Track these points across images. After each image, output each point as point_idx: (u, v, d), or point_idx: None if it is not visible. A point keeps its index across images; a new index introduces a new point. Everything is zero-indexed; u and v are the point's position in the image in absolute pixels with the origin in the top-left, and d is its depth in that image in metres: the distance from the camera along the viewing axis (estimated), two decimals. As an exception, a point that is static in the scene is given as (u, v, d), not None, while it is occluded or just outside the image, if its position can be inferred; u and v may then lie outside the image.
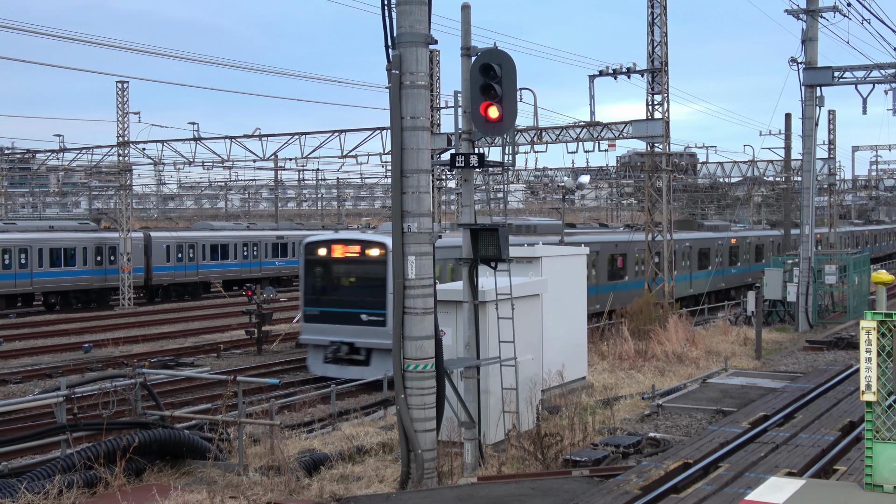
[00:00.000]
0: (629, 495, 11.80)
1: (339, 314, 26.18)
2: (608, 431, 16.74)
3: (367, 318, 25.58)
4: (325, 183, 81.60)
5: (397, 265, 13.20)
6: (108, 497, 12.42)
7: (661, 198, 35.42)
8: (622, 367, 24.47)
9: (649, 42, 33.86)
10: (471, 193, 15.22)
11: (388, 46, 13.12)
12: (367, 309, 25.64)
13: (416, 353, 13.19)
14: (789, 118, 52.68)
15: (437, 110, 40.22)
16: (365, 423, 18.71)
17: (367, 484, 13.71)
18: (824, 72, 34.49)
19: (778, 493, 10.79)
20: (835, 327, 34.16)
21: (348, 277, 27.22)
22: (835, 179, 64.95)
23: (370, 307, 25.55)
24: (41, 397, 14.60)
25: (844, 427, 15.87)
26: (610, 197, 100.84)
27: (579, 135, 36.67)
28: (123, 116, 49.83)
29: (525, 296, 17.11)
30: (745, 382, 21.85)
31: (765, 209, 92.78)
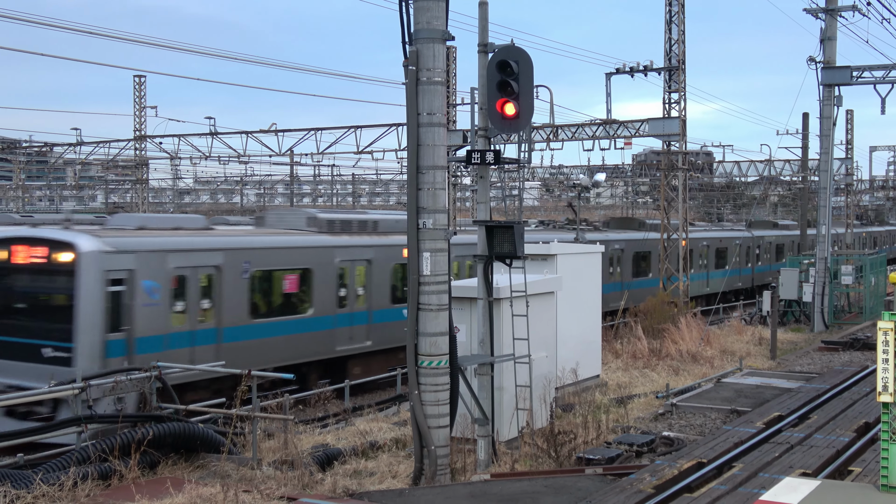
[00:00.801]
0: (642, 494, 11.79)
1: (10, 346, 18.56)
2: (622, 430, 16.71)
3: (51, 352, 17.96)
4: (341, 179, 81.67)
5: (412, 261, 13.21)
6: (122, 489, 12.48)
7: (677, 197, 35.32)
8: (636, 365, 24.42)
9: (666, 40, 33.76)
10: (486, 190, 15.21)
11: (405, 42, 13.12)
12: (49, 340, 18.06)
13: (430, 350, 13.20)
14: (807, 118, 52.41)
15: (454, 107, 40.23)
16: (378, 418, 18.73)
17: (380, 479, 13.73)
18: (843, 71, 34.31)
19: (793, 494, 10.76)
20: (851, 328, 33.98)
21: (26, 293, 19.54)
22: (852, 179, 64.64)
23: (53, 337, 18.04)
24: (57, 389, 14.66)
25: (860, 428, 15.80)
26: (625, 195, 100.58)
27: (595, 132, 36.59)
28: (140, 111, 50.06)
29: (540, 293, 17.09)
30: (759, 382, 21.78)
31: (781, 209, 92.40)
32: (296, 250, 23.32)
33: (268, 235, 23.51)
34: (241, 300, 21.34)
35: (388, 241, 25.63)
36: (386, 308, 25.62)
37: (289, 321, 22.86)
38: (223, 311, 20.71)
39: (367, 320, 24.75)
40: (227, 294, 20.82)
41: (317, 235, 24.04)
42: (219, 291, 20.63)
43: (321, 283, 23.47)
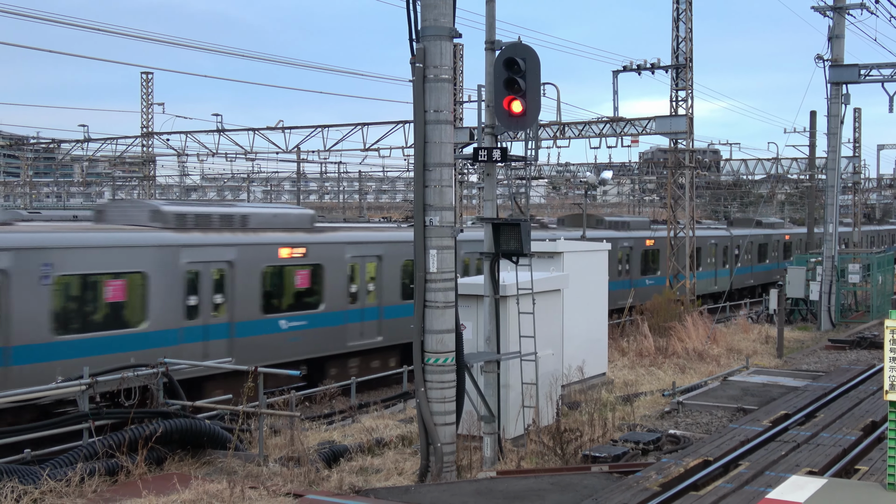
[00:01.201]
0: (648, 492, 11.78)
1: None
2: (628, 428, 16.70)
3: None
4: (347, 176, 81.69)
5: (418, 258, 13.22)
6: (129, 485, 12.51)
7: (684, 194, 35.27)
8: (642, 363, 24.41)
9: (674, 38, 33.73)
10: (493, 188, 15.21)
11: (413, 40, 13.12)
12: None
13: (437, 347, 13.20)
14: (814, 116, 52.39)
15: (460, 104, 40.22)
16: (384, 415, 18.75)
17: (387, 476, 13.74)
18: (851, 69, 34.23)
19: (799, 492, 10.75)
20: (857, 326, 33.92)
21: None
22: (860, 178, 64.49)
23: None
24: (64, 385, 14.70)
25: (866, 427, 15.77)
26: (632, 193, 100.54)
27: (602, 130, 36.56)
28: (148, 107, 50.12)
29: (546, 291, 17.08)
30: (766, 381, 21.75)
31: (788, 207, 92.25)
32: (124, 250, 19.14)
33: (87, 232, 19.51)
34: (35, 312, 17.43)
35: (259, 240, 21.92)
36: (254, 320, 21.62)
37: (111, 337, 18.75)
38: (11, 327, 17.12)
39: (228, 334, 20.93)
40: (16, 304, 17.16)
41: (157, 232, 19.99)
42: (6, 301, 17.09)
43: (160, 291, 19.50)
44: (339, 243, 24.35)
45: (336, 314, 23.95)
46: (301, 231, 23.41)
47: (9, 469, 12.14)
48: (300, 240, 23.13)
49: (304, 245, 23.12)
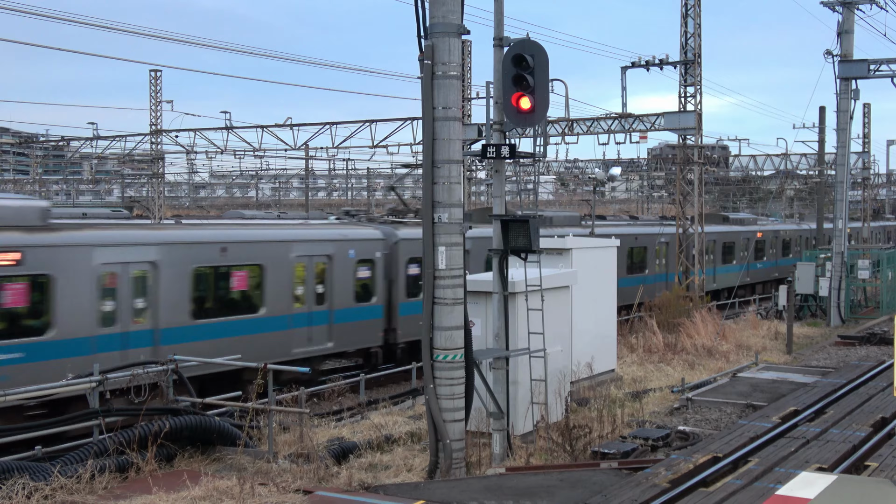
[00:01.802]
0: (658, 488, 11.78)
1: None
2: (637, 424, 16.69)
3: None
4: (356, 173, 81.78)
5: (427, 255, 13.23)
6: (139, 482, 12.55)
7: (693, 190, 35.21)
8: (651, 359, 24.40)
9: (682, 33, 33.65)
10: (502, 184, 15.21)
11: (421, 36, 13.13)
12: None
13: (446, 344, 13.22)
14: (823, 111, 52.20)
15: (469, 101, 40.20)
16: (393, 412, 18.77)
17: (396, 473, 13.76)
18: (860, 64, 34.12)
19: (809, 489, 10.73)
20: (867, 322, 33.83)
21: None
22: (869, 173, 64.30)
23: None
24: (74, 383, 14.74)
25: (876, 423, 15.75)
26: (641, 189, 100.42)
27: (611, 126, 36.50)
28: (156, 105, 50.17)
29: (555, 287, 17.08)
30: (775, 377, 21.72)
31: (797, 203, 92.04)
32: None
33: None
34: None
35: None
36: None
37: None
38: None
39: None
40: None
41: None
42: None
43: None
44: None
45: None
46: None
47: (20, 466, 12.19)
48: None
49: None
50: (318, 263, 23.90)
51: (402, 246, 26.17)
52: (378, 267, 25.63)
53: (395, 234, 26.37)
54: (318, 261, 23.89)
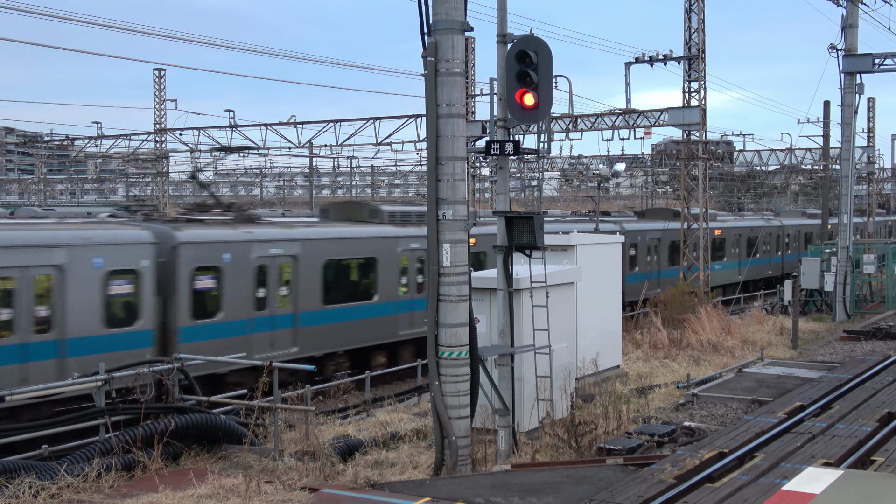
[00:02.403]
0: (664, 484, 11.77)
1: None
2: (642, 420, 16.69)
3: None
4: (360, 170, 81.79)
5: (432, 252, 13.23)
6: (145, 480, 12.57)
7: (698, 186, 35.18)
8: (656, 355, 24.37)
9: (686, 29, 33.61)
10: (506, 181, 15.20)
11: (424, 34, 13.12)
12: None
13: (451, 341, 13.21)
14: (828, 106, 52.07)
15: (473, 98, 40.22)
16: (399, 409, 18.78)
17: (401, 470, 13.77)
18: (864, 59, 34.05)
19: (815, 484, 10.73)
20: (873, 317, 33.79)
21: None
22: (874, 168, 64.18)
23: None
24: (80, 381, 14.76)
25: (882, 418, 15.72)
26: (645, 185, 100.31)
27: (615, 122, 36.48)
28: (160, 104, 50.28)
29: (560, 284, 17.08)
30: (781, 372, 21.69)
31: (802, 198, 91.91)
32: None
33: None
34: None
35: None
36: None
37: None
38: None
39: None
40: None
41: None
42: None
43: None
44: None
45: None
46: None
47: (27, 465, 12.22)
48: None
49: None
50: (38, 277, 17.99)
51: (185, 252, 20.50)
52: (145, 280, 19.69)
53: (174, 237, 20.45)
54: (37, 273, 17.96)
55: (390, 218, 26.83)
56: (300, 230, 24.36)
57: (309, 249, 23.54)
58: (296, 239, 23.45)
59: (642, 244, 38.17)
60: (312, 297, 23.65)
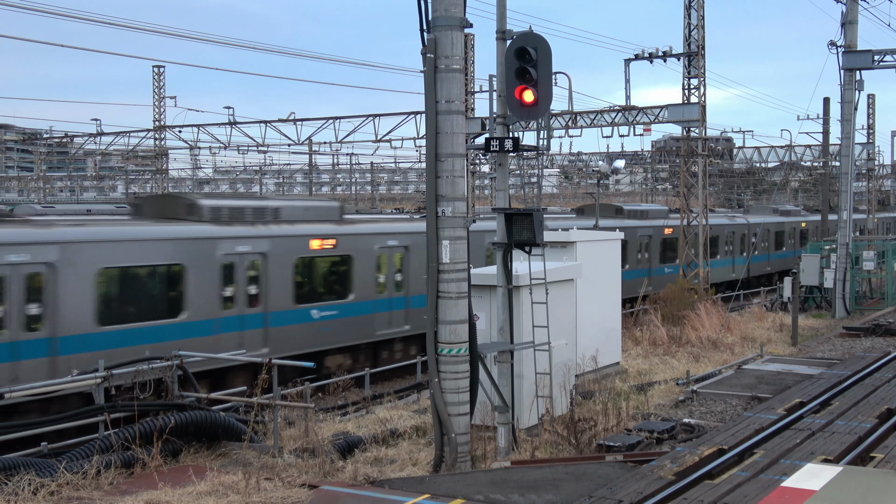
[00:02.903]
0: (663, 481, 11.77)
1: None
2: (642, 417, 16.69)
3: None
4: (359, 167, 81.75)
5: (431, 249, 13.22)
6: (145, 477, 12.57)
7: (697, 183, 35.17)
8: (656, 352, 24.38)
9: (686, 25, 33.59)
10: (505, 178, 15.19)
11: (423, 30, 13.11)
12: None
13: (450, 338, 13.21)
14: (828, 102, 52.02)
15: (472, 94, 40.17)
16: (398, 406, 18.78)
17: (401, 467, 13.77)
18: (864, 55, 34.03)
19: (814, 480, 10.75)
20: (872, 314, 33.80)
21: None
22: (874, 164, 64.16)
23: None
24: (79, 378, 14.77)
25: (882, 414, 15.72)
26: (645, 182, 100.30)
27: (614, 119, 36.46)
28: (160, 101, 50.24)
29: (559, 280, 17.07)
30: (780, 369, 21.70)
31: (802, 194, 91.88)
32: None
33: None
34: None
35: None
36: None
37: None
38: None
39: None
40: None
41: None
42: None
43: None
44: None
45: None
46: None
47: (26, 462, 12.21)
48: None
49: None
50: None
51: None
52: None
53: None
54: None
55: (212, 215, 21.62)
56: (60, 231, 18.75)
57: (73, 255, 18.22)
58: (49, 242, 18.05)
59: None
60: (82, 318, 18.45)
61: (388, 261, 25.82)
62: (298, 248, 23.10)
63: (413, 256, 25.74)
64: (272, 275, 22.24)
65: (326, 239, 23.84)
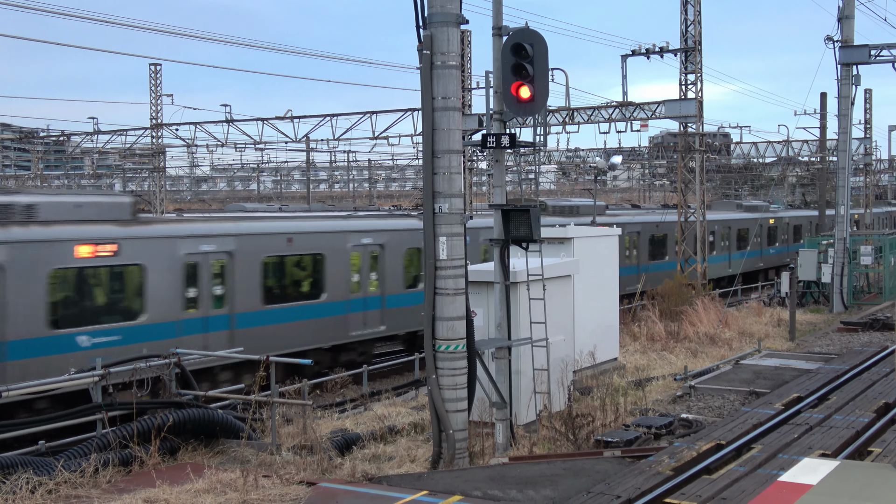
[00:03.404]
0: (661, 476, 11.78)
1: None
2: (640, 412, 16.70)
3: None
4: (357, 164, 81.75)
5: (428, 246, 13.22)
6: (143, 475, 12.57)
7: (694, 178, 35.17)
8: (654, 348, 24.40)
9: (682, 21, 33.58)
10: (502, 174, 15.19)
11: (420, 27, 13.09)
12: None
13: (448, 334, 13.21)
14: (825, 97, 52.15)
15: (469, 91, 40.13)
16: (396, 403, 18.79)
17: (399, 464, 13.77)
18: (861, 50, 34.02)
19: (811, 475, 10.76)
20: (870, 308, 33.83)
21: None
22: (871, 159, 64.17)
23: None
24: (77, 377, 14.77)
25: (879, 409, 15.74)
26: (642, 178, 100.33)
27: (611, 115, 36.44)
28: (157, 99, 50.15)
29: (557, 276, 17.07)
30: (778, 364, 21.71)
31: (799, 189, 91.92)
32: None
33: None
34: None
35: None
36: None
37: None
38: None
39: None
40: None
41: None
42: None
43: None
44: None
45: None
46: None
47: (24, 461, 12.21)
48: None
49: None
50: None
51: None
52: None
53: None
54: None
55: None
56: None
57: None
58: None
59: None
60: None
61: (203, 271, 21.34)
62: (56, 257, 18.60)
63: (238, 264, 22.02)
64: (12, 293, 17.70)
65: (103, 244, 19.43)
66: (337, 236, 24.43)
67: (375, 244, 25.46)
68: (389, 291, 25.32)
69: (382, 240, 25.32)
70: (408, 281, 26.49)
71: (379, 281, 25.36)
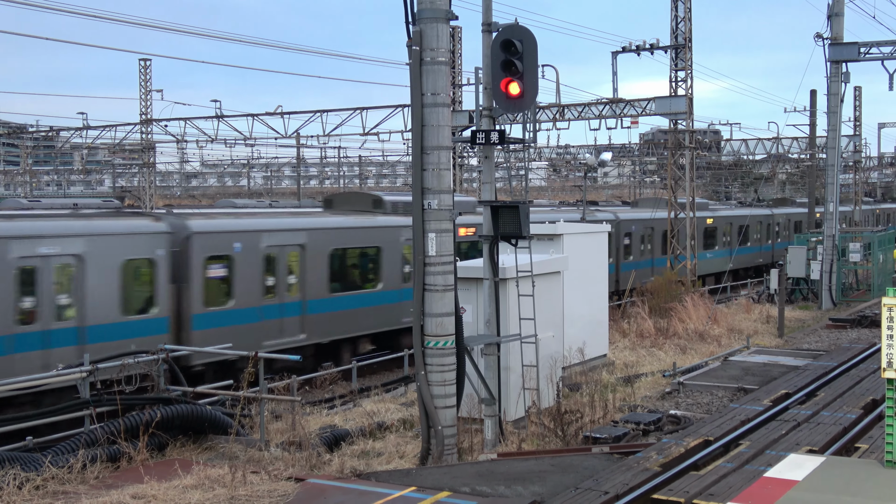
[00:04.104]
0: (649, 472, 11.81)
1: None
2: (629, 409, 16.73)
3: None
4: (347, 160, 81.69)
5: (417, 242, 13.22)
6: (131, 471, 12.55)
7: (685, 175, 35.23)
8: (643, 344, 24.44)
9: (673, 18, 33.62)
10: (492, 170, 15.20)
11: (409, 23, 13.09)
12: None
13: (436, 330, 13.22)
14: (814, 95, 52.18)
15: (459, 87, 40.12)
16: (385, 399, 18.79)
17: (388, 460, 13.78)
18: (850, 47, 34.11)
19: (797, 471, 10.79)
20: (858, 305, 33.95)
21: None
22: (860, 156, 64.36)
23: None
24: (65, 373, 14.73)
25: (867, 405, 15.80)
26: (633, 174, 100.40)
27: (602, 112, 36.49)
28: (146, 94, 50.02)
29: (546, 273, 17.09)
30: (767, 360, 21.78)
31: (789, 186, 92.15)
32: None
33: None
34: None
35: None
36: None
37: None
38: None
39: None
40: None
41: None
42: None
43: None
44: None
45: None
46: None
47: (11, 456, 12.17)
48: None
49: None
50: None
51: None
52: None
53: None
54: None
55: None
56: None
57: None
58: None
59: None
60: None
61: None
62: None
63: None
64: None
65: None
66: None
67: None
68: None
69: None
70: None
71: None
